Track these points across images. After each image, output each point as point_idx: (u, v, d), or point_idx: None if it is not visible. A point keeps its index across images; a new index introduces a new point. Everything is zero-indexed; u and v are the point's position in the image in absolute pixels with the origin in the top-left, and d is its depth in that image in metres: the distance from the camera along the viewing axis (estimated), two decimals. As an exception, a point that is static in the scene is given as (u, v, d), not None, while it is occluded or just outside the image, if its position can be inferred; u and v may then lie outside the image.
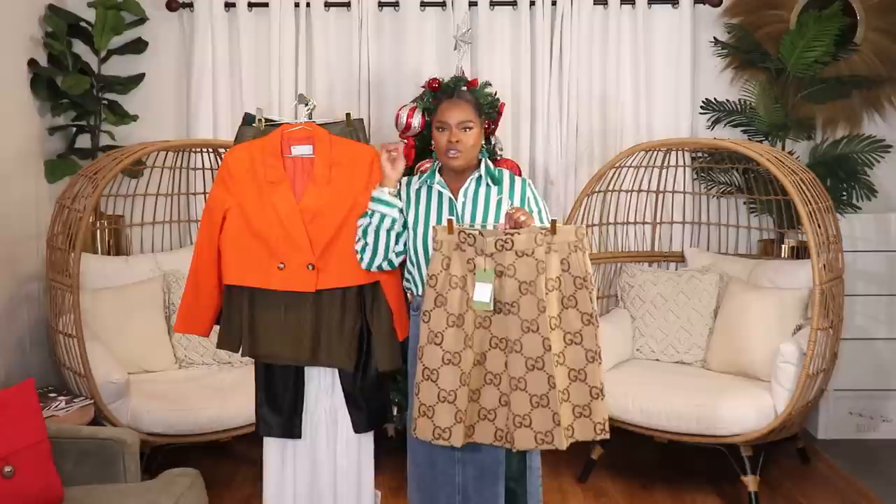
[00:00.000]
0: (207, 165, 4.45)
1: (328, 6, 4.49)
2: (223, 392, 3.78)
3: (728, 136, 4.44)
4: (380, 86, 4.52)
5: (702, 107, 4.54)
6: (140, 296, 4.06)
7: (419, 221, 2.77)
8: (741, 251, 4.51)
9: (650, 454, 4.18)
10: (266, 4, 4.47)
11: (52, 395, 3.53)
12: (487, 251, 2.55)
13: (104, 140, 4.47)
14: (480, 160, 2.81)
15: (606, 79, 4.55)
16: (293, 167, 2.96)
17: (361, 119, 3.29)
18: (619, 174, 4.35)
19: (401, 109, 3.85)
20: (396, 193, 2.77)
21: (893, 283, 4.37)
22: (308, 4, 4.47)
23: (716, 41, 4.52)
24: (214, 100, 4.52)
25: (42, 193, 4.26)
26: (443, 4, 4.48)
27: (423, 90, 3.84)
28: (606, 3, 4.50)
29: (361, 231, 2.79)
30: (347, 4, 4.49)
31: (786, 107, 4.32)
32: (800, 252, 4.26)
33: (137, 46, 4.52)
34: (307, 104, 3.06)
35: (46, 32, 4.31)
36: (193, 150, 4.42)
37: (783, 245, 4.37)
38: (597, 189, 4.30)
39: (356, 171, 2.94)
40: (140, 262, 4.26)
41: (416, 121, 3.81)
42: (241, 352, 3.00)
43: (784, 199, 4.17)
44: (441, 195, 2.78)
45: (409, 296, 2.89)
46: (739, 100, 4.51)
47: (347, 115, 3.16)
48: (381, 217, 2.74)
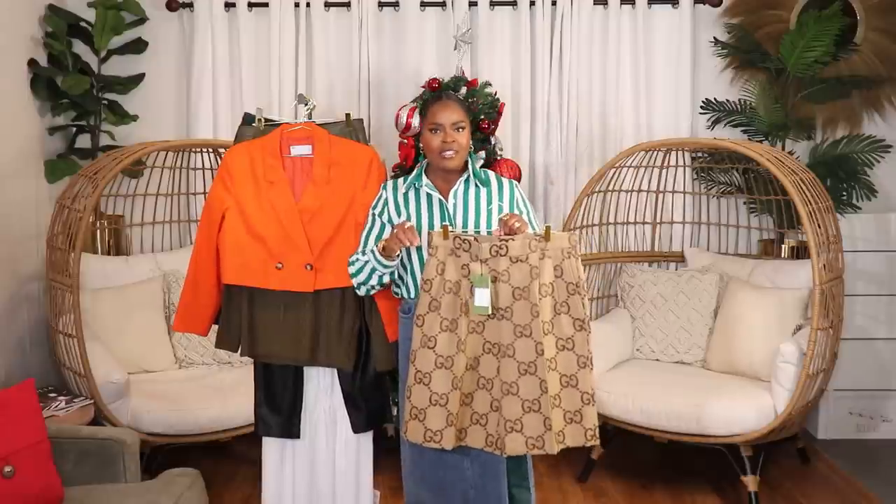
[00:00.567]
0: (207, 165, 4.45)
1: (328, 6, 4.49)
2: (223, 392, 3.78)
3: (728, 136, 4.44)
4: (380, 86, 4.52)
5: (702, 107, 4.54)
6: (140, 296, 4.06)
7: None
8: (741, 251, 4.51)
9: (650, 454, 4.18)
10: (266, 4, 4.47)
11: (52, 395, 3.53)
12: (482, 257, 2.57)
13: (104, 140, 4.47)
14: (467, 162, 2.81)
15: (606, 79, 4.55)
16: (292, 167, 2.96)
17: (361, 119, 3.30)
18: (619, 174, 4.35)
19: (401, 109, 3.83)
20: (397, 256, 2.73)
21: (893, 283, 4.37)
22: (308, 4, 4.47)
23: (716, 41, 4.52)
24: (214, 100, 4.52)
25: (42, 193, 4.26)
26: (443, 4, 4.48)
27: (423, 90, 3.84)
28: (606, 3, 4.50)
29: (354, 272, 2.79)
30: (347, 4, 4.49)
31: (786, 107, 4.32)
32: (800, 252, 4.26)
33: (137, 46, 4.52)
34: (307, 104, 3.07)
35: (46, 32, 4.31)
36: (193, 150, 4.42)
37: (783, 245, 4.37)
38: (597, 189, 4.30)
39: (355, 172, 2.95)
40: (140, 262, 4.26)
41: (416, 121, 3.78)
42: (240, 351, 3.00)
43: (784, 199, 4.17)
44: (430, 197, 2.78)
45: (398, 298, 2.88)
46: (739, 100, 4.51)
47: (347, 115, 3.17)
48: (373, 270, 2.75)
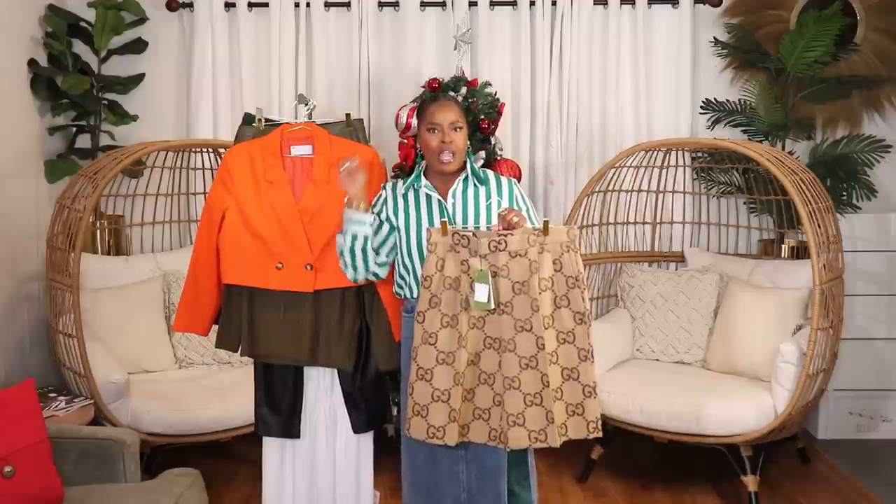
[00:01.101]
0: (207, 165, 4.45)
1: (328, 6, 4.49)
2: (223, 392, 3.78)
3: (728, 136, 4.44)
4: (380, 86, 4.52)
5: (702, 107, 4.54)
6: (140, 296, 4.06)
7: (410, 226, 2.76)
8: (741, 251, 4.51)
9: (650, 454, 4.18)
10: (266, 4, 4.47)
11: (52, 395, 3.53)
12: (481, 252, 2.57)
13: (104, 140, 4.47)
14: (465, 161, 2.81)
15: (606, 79, 4.55)
16: (292, 167, 2.96)
17: (361, 119, 3.30)
18: (619, 174, 4.35)
19: (401, 109, 3.85)
20: (368, 208, 2.72)
21: (893, 283, 4.37)
22: (308, 4, 4.47)
23: (716, 41, 4.52)
24: (214, 100, 4.52)
25: (42, 193, 4.26)
26: (443, 4, 4.48)
27: (423, 90, 3.84)
28: (606, 3, 4.50)
29: (339, 251, 2.77)
30: (347, 4, 4.49)
31: (786, 107, 4.32)
32: (800, 252, 4.26)
33: (137, 46, 4.52)
34: (307, 104, 3.07)
35: (46, 32, 4.31)
36: (193, 150, 4.42)
37: (783, 245, 4.37)
38: (597, 189, 4.30)
39: (356, 171, 2.94)
40: (140, 262, 4.26)
41: (416, 121, 3.80)
42: (240, 351, 3.00)
43: (784, 199, 4.17)
44: (430, 198, 2.78)
45: (401, 299, 2.88)
46: (739, 100, 4.51)
47: (347, 115, 3.17)
48: (354, 237, 2.72)
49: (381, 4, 4.51)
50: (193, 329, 3.09)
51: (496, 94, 3.89)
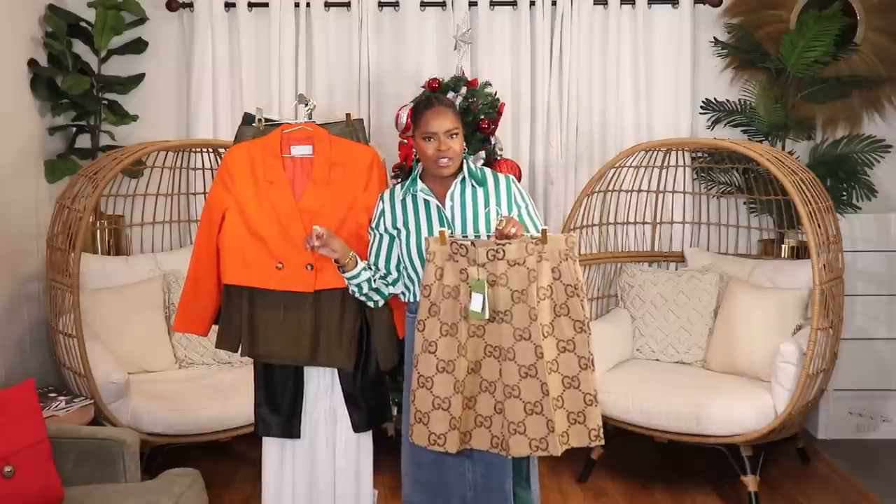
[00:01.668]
0: (207, 165, 4.45)
1: (328, 6, 4.49)
2: (223, 392, 3.78)
3: (728, 136, 4.44)
4: (380, 86, 4.52)
5: (702, 107, 4.54)
6: (140, 296, 4.06)
7: (410, 232, 2.76)
8: (741, 251, 4.51)
9: (650, 454, 4.18)
10: (266, 4, 4.47)
11: (52, 395, 3.53)
12: (479, 261, 2.57)
13: (104, 140, 4.47)
14: (462, 162, 2.80)
15: (606, 79, 4.55)
16: (292, 167, 2.96)
17: (361, 119, 3.30)
18: (619, 174, 4.35)
19: (401, 109, 3.85)
20: (355, 257, 2.75)
21: (893, 283, 4.37)
22: (308, 4, 4.47)
23: (716, 41, 4.52)
24: (214, 100, 4.52)
25: (42, 193, 4.26)
26: (443, 4, 4.48)
27: (423, 90, 3.84)
28: (606, 3, 4.50)
29: (355, 293, 2.83)
30: (347, 4, 4.49)
31: (786, 107, 4.32)
32: (800, 252, 4.26)
33: (137, 46, 4.52)
34: (307, 104, 3.06)
35: (46, 32, 4.31)
36: (193, 150, 4.42)
37: (783, 245, 4.37)
38: (597, 189, 4.30)
39: (355, 172, 2.94)
40: (140, 262, 4.26)
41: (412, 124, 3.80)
42: (241, 351, 3.00)
43: (784, 199, 4.17)
44: (428, 204, 2.77)
45: (404, 301, 2.88)
46: (739, 100, 4.51)
47: (347, 115, 3.16)
48: (359, 286, 2.80)
49: (381, 4, 4.51)
50: (193, 329, 3.09)
51: (496, 94, 3.89)
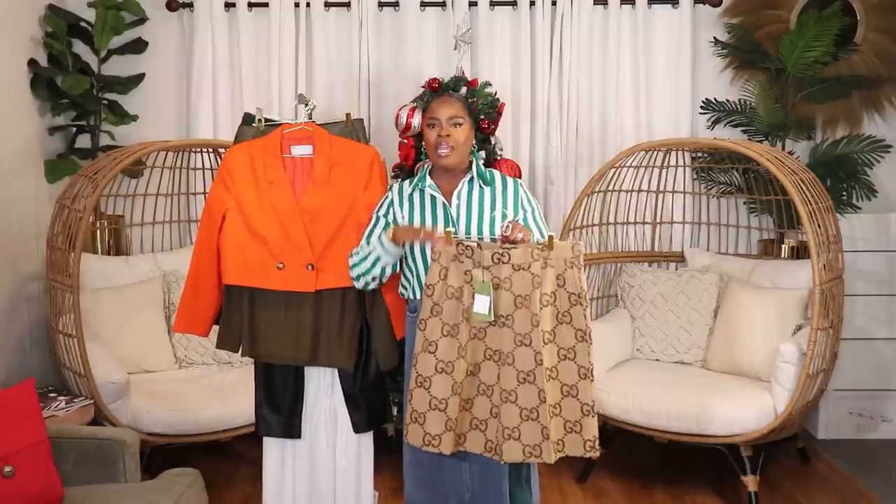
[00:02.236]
0: (207, 165, 4.45)
1: (328, 6, 4.49)
2: (223, 392, 3.78)
3: (728, 136, 4.44)
4: (380, 86, 4.52)
5: (702, 107, 4.54)
6: (140, 296, 4.06)
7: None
8: (741, 251, 4.51)
9: (650, 454, 4.18)
10: (266, 4, 4.47)
11: (52, 395, 3.53)
12: (484, 264, 2.57)
13: (104, 140, 4.47)
14: (471, 162, 2.81)
15: (606, 79, 4.55)
16: (293, 167, 2.96)
17: (361, 119, 3.30)
18: (619, 174, 4.35)
19: (401, 109, 3.84)
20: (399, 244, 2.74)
21: (893, 283, 4.37)
22: (308, 4, 4.47)
23: (716, 41, 4.52)
24: (214, 100, 4.52)
25: (42, 193, 4.26)
26: (443, 4, 4.48)
27: (423, 90, 3.84)
28: (606, 3, 4.50)
29: (358, 258, 2.80)
30: (347, 4, 4.49)
31: (786, 107, 4.32)
32: (800, 252, 4.26)
33: (137, 46, 4.52)
34: (307, 104, 3.07)
35: (46, 32, 4.31)
36: (193, 150, 4.42)
37: (783, 245, 4.37)
38: (597, 189, 4.30)
39: (356, 172, 2.95)
40: (140, 262, 4.26)
41: (416, 121, 3.79)
42: (241, 352, 3.00)
43: (784, 199, 4.17)
44: (434, 200, 2.78)
45: (405, 299, 2.89)
46: (739, 100, 4.51)
47: (347, 115, 3.17)
48: (377, 261, 2.76)
49: (381, 4, 4.50)
50: (194, 330, 3.09)
51: (496, 94, 3.88)
